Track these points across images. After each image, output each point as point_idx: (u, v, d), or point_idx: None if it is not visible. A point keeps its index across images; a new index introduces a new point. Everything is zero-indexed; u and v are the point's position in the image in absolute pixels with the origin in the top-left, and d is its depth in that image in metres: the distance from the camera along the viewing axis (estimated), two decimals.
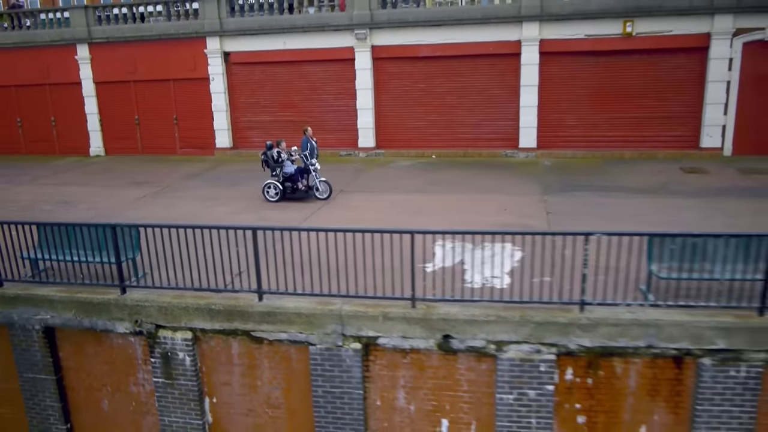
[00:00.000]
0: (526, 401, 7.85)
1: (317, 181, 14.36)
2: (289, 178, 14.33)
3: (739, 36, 16.83)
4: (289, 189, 14.34)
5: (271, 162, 14.40)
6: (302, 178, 14.39)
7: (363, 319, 8.02)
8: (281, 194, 14.31)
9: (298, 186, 14.33)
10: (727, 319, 7.42)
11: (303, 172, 14.43)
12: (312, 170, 14.33)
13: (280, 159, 14.29)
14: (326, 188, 14.41)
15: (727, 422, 7.62)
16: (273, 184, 14.36)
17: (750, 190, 14.12)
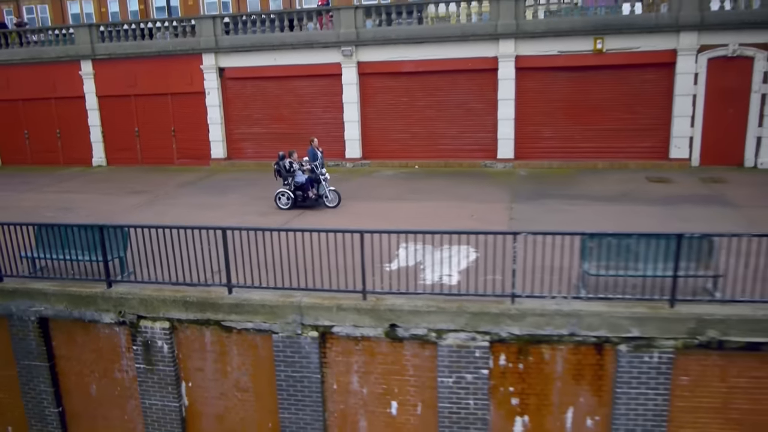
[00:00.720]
0: (464, 384, 8.79)
1: (327, 190, 15.18)
2: (300, 187, 15.09)
3: (703, 52, 17.78)
4: (300, 197, 15.11)
5: (283, 171, 15.26)
6: (312, 187, 15.16)
7: (319, 310, 9.02)
8: (293, 202, 15.11)
9: (309, 194, 15.10)
10: (641, 309, 8.34)
11: (313, 181, 15.20)
12: (322, 179, 15.16)
13: (291, 169, 15.13)
14: (335, 197, 15.24)
15: (643, 404, 8.51)
16: (285, 192, 15.19)
17: (707, 197, 15.00)
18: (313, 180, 15.20)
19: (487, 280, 9.08)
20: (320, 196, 15.20)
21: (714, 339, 8.19)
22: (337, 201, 15.22)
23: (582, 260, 8.97)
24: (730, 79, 17.83)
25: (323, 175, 15.23)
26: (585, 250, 8.93)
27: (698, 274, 8.71)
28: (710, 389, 8.48)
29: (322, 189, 15.20)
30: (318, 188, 15.21)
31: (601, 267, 8.87)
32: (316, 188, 15.19)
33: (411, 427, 9.31)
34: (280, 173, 15.38)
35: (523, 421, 8.99)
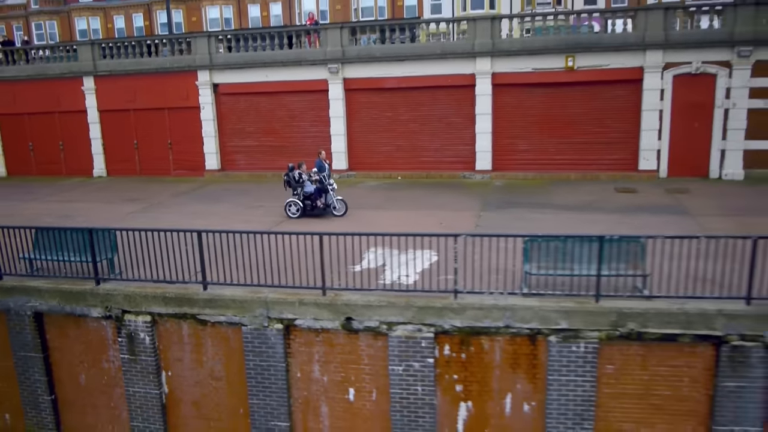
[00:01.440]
0: (413, 372, 9.79)
1: (334, 199, 16.05)
2: (308, 196, 15.88)
3: (668, 69, 18.84)
4: (309, 207, 15.89)
5: (292, 182, 16.10)
6: (320, 196, 15.98)
7: (284, 304, 10.08)
8: (302, 211, 15.93)
9: (317, 204, 15.91)
10: (569, 304, 9.34)
11: (321, 191, 16.01)
12: (329, 189, 16.08)
13: (300, 179, 15.98)
14: (342, 206, 16.05)
15: (573, 390, 9.48)
16: (294, 202, 15.97)
17: (666, 207, 15.96)
18: (321, 190, 15.96)
19: (440, 280, 10.11)
20: (328, 206, 15.95)
21: (634, 331, 9.17)
22: (344, 210, 15.99)
23: (524, 261, 9.99)
24: (694, 94, 18.85)
25: (331, 185, 16.03)
26: (526, 252, 9.96)
27: (627, 273, 9.70)
28: (633, 377, 9.43)
29: (329, 198, 15.96)
30: (326, 198, 15.98)
31: (540, 267, 9.88)
32: (323, 198, 15.96)
33: (367, 412, 10.30)
34: (290, 184, 16.13)
35: (466, 406, 9.97)
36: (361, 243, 10.68)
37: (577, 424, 9.60)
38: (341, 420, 10.45)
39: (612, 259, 9.71)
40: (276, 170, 22.53)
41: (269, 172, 22.68)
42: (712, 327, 8.99)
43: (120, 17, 51.27)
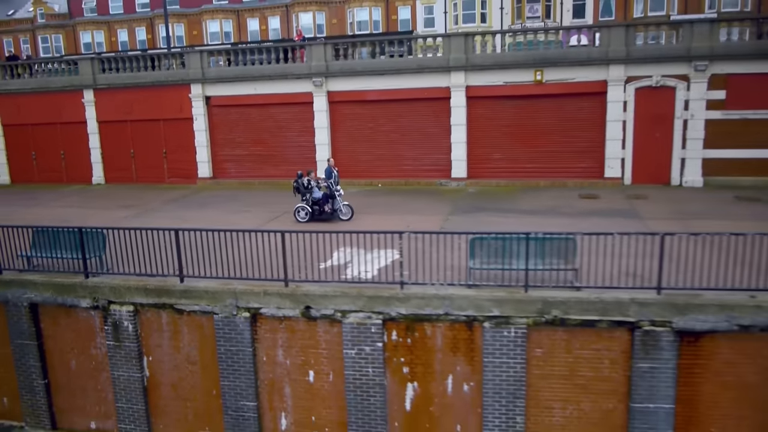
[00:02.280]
0: (364, 355, 11.02)
1: (341, 204, 17.00)
2: (317, 202, 16.78)
3: (630, 82, 20.11)
4: (317, 211, 16.77)
5: (301, 188, 17.07)
6: (327, 202, 16.86)
7: (250, 294, 11.35)
8: (310, 216, 16.79)
9: (325, 209, 16.81)
10: (501, 294, 10.56)
11: (328, 197, 16.91)
12: (337, 195, 16.95)
13: (309, 186, 17.00)
14: (349, 210, 16.96)
15: (506, 371, 10.67)
16: (303, 207, 16.85)
17: (620, 211, 17.13)
18: (328, 196, 16.90)
19: (397, 275, 11.32)
20: (335, 210, 16.87)
21: (557, 317, 10.37)
22: (350, 214, 16.90)
23: (469, 258, 11.23)
24: (655, 106, 20.10)
25: (338, 191, 16.98)
26: (471, 249, 11.20)
27: (556, 267, 10.92)
28: (559, 359, 10.62)
29: (336, 204, 16.89)
30: (333, 203, 16.90)
31: (483, 263, 11.11)
32: (331, 203, 16.87)
33: (325, 392, 11.53)
34: (299, 190, 17.02)
35: (413, 386, 11.18)
36: (331, 243, 12.00)
37: (510, 402, 10.78)
38: (303, 400, 11.67)
39: (546, 255, 10.97)
40: (264, 178, 24.06)
41: (257, 180, 24.11)
42: (626, 314, 10.18)
43: (123, 31, 53.12)
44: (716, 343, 10.14)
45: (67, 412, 13.20)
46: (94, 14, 53.46)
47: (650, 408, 10.39)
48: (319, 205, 16.87)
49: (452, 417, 11.18)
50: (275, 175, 23.96)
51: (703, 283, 10.22)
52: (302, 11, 48.01)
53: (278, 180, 23.75)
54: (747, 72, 19.25)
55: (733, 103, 19.48)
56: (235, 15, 49.98)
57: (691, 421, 10.48)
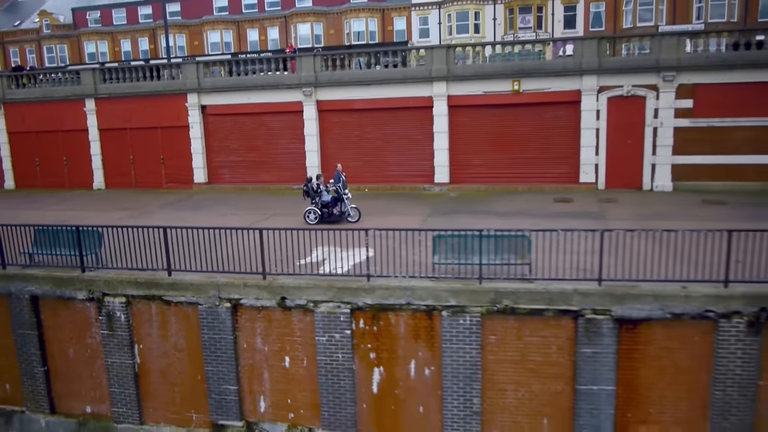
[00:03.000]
0: (334, 342, 12.12)
1: (349, 207, 17.95)
2: (326, 205, 17.69)
3: (603, 92, 21.25)
4: (326, 214, 17.64)
5: (311, 192, 17.94)
6: (336, 205, 17.79)
7: (231, 286, 12.48)
8: (319, 218, 17.65)
9: (333, 211, 17.69)
10: (457, 285, 11.65)
11: (337, 200, 17.83)
12: (345, 199, 17.88)
13: (318, 189, 17.99)
14: (356, 213, 17.89)
15: (463, 356, 11.74)
16: (313, 210, 17.74)
17: (589, 213, 18.21)
18: (337, 199, 17.85)
19: (369, 270, 12.43)
20: (343, 213, 17.78)
21: (508, 306, 11.45)
22: (357, 217, 17.81)
23: (433, 253, 12.33)
24: (627, 114, 21.22)
25: (346, 195, 17.88)
26: (435, 245, 12.31)
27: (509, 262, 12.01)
28: (511, 345, 11.69)
29: (344, 207, 17.82)
30: (341, 206, 17.83)
31: (445, 258, 12.21)
32: (339, 206, 17.80)
33: (300, 376, 12.62)
34: (308, 194, 17.96)
35: (379, 370, 12.26)
36: (311, 241, 13.13)
37: (467, 385, 11.85)
38: (279, 383, 12.77)
39: (503, 251, 12.08)
40: (257, 184, 25.28)
41: (251, 185, 25.32)
42: (570, 303, 11.25)
43: (126, 41, 54.69)
44: (652, 330, 11.20)
45: (64, 397, 14.32)
46: (98, 25, 55.05)
47: (594, 390, 11.44)
48: (328, 207, 17.75)
49: (415, 399, 12.25)
50: (268, 180, 25.20)
51: (640, 275, 11.32)
52: (300, 22, 49.41)
53: (270, 185, 25.05)
54: (713, 82, 20.36)
55: (700, 111, 20.58)
56: (235, 26, 51.42)
57: (631, 403, 11.52)
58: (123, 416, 13.76)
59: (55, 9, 58.48)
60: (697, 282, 11.06)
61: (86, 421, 14.16)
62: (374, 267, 12.27)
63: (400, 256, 12.35)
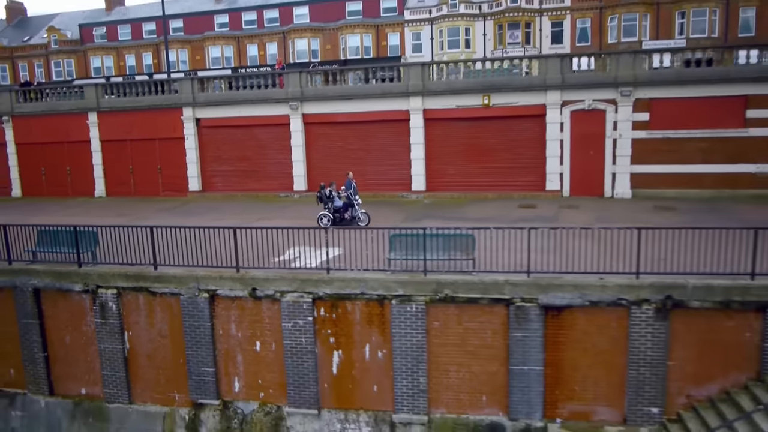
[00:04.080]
0: (299, 327, 13.83)
1: (359, 212, 19.52)
2: (338, 210, 19.26)
3: (566, 106, 23.01)
4: (338, 218, 19.13)
5: (324, 198, 19.47)
6: (347, 210, 19.30)
7: (209, 279, 14.25)
8: (332, 222, 19.10)
9: (345, 216, 19.18)
10: (405, 277, 13.36)
11: (348, 205, 19.36)
12: (356, 204, 19.44)
13: (331, 195, 19.68)
14: (366, 217, 19.29)
15: (410, 340, 13.41)
16: (325, 214, 19.27)
17: (546, 218, 19.87)
18: (348, 204, 19.41)
19: (336, 265, 14.14)
20: (353, 217, 19.24)
21: (449, 295, 13.14)
22: (367, 221, 19.17)
23: (389, 250, 14.06)
24: (588, 126, 22.95)
25: (356, 200, 19.45)
26: (391, 243, 14.04)
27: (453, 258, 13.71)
28: (452, 330, 13.35)
29: (355, 212, 19.33)
30: (352, 211, 19.34)
31: (399, 254, 13.93)
32: (350, 211, 19.32)
33: (269, 359, 14.33)
34: (322, 199, 19.52)
35: (338, 353, 13.96)
36: (287, 240, 14.85)
37: (415, 366, 13.50)
38: (251, 365, 14.48)
39: (451, 248, 13.79)
40: (247, 191, 27.17)
41: (241, 193, 27.22)
42: (502, 292, 12.92)
43: (131, 56, 57.08)
44: (574, 316, 12.85)
45: (62, 380, 16.09)
46: (104, 40, 57.50)
47: (525, 370, 13.08)
48: (340, 212, 19.29)
49: (370, 379, 13.91)
50: (257, 188, 27.08)
51: (563, 268, 12.99)
52: (298, 38, 51.60)
53: (259, 193, 26.93)
54: (667, 96, 22.08)
55: (656, 124, 22.29)
56: (235, 41, 53.69)
57: (558, 381, 13.13)
58: (114, 397, 15.50)
59: (63, 25, 61.04)
60: (612, 274, 12.72)
61: (81, 401, 15.91)
62: (340, 263, 13.99)
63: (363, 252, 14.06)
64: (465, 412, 13.59)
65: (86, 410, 15.87)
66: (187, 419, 15.03)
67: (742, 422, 11.40)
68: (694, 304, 12.30)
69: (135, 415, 15.42)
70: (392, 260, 13.89)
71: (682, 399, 12.72)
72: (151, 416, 15.33)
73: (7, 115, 29.79)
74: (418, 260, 13.63)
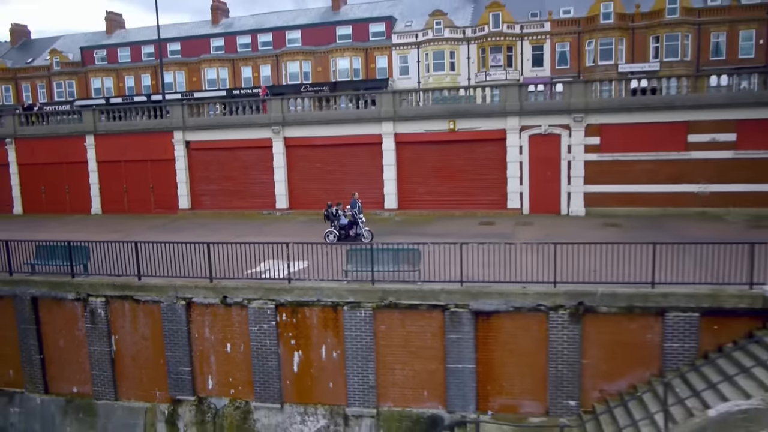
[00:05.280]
0: (263, 330, 15.87)
1: (363, 230, 21.33)
2: (343, 227, 21.08)
3: (525, 130, 25.17)
4: (343, 235, 20.88)
5: (330, 216, 21.41)
6: (352, 228, 21.09)
7: (186, 288, 16.33)
8: (338, 238, 20.80)
9: (350, 233, 20.95)
10: (355, 286, 15.42)
11: (353, 223, 21.13)
12: (360, 222, 21.30)
13: (337, 214, 21.50)
14: (369, 234, 20.91)
15: (360, 341, 15.42)
16: (332, 231, 21.09)
17: (500, 234, 21.77)
18: (352, 222, 21.21)
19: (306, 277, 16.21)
20: (358, 235, 20.89)
21: (392, 302, 15.17)
22: (370, 237, 20.73)
23: (346, 263, 16.12)
24: (545, 150, 25.08)
25: (361, 219, 21.28)
26: (348, 257, 16.11)
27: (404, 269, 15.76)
28: (397, 333, 15.37)
29: (359, 229, 21.06)
30: (356, 229, 21.10)
31: (354, 267, 15.99)
32: (355, 229, 21.12)
33: (238, 359, 16.35)
34: (329, 217, 21.48)
35: (298, 354, 15.98)
36: (261, 254, 16.88)
37: (365, 365, 15.50)
38: (223, 365, 16.50)
39: (400, 261, 15.84)
40: (233, 209, 29.31)
41: (228, 210, 29.37)
42: (439, 299, 14.96)
43: (130, 77, 59.70)
44: (501, 320, 14.86)
45: (56, 380, 18.11)
46: (104, 62, 60.16)
47: (459, 368, 15.06)
48: (345, 230, 21.09)
49: (326, 376, 15.91)
50: (242, 206, 29.24)
51: (492, 278, 15.02)
52: (290, 60, 54.15)
53: (245, 211, 29.08)
54: (615, 122, 24.23)
55: (606, 147, 24.42)
56: (230, 63, 56.25)
57: (489, 378, 15.11)
58: (102, 394, 17.51)
59: (65, 47, 63.87)
60: (533, 283, 14.75)
61: (73, 399, 17.92)
62: (306, 274, 16.05)
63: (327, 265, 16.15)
64: (409, 406, 15.55)
65: (77, 406, 17.86)
66: (167, 414, 17.03)
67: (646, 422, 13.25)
68: (602, 309, 14.31)
69: (120, 411, 17.42)
70: (348, 272, 15.95)
71: (596, 393, 14.66)
72: (134, 411, 17.33)
73: (11, 138, 32.12)
74: (368, 272, 15.67)
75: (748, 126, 23.09)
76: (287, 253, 15.91)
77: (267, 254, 16.76)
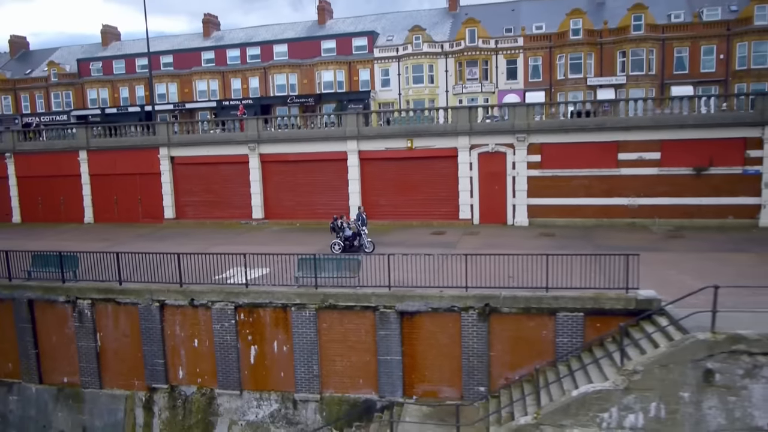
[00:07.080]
0: (225, 327, 18.90)
1: (365, 241, 23.96)
2: (347, 238, 23.52)
3: (474, 149, 28.19)
4: (347, 246, 23.31)
5: (336, 228, 24.14)
6: (356, 239, 23.58)
7: (160, 292, 19.36)
8: (342, 249, 23.52)
9: (354, 244, 23.50)
10: (301, 290, 18.44)
11: (356, 235, 23.68)
12: (363, 234, 23.85)
13: (342, 226, 24.28)
14: (371, 245, 23.33)
15: (306, 338, 18.42)
16: (337, 242, 23.58)
17: (446, 243, 24.85)
18: (356, 234, 23.73)
19: (263, 281, 19.23)
20: (361, 245, 23.32)
21: (332, 303, 18.17)
22: (372, 248, 23.15)
23: (296, 270, 19.14)
24: (493, 166, 28.09)
25: (364, 231, 23.76)
26: (298, 265, 19.13)
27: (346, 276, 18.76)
28: (337, 330, 18.36)
29: (362, 240, 23.53)
30: (360, 240, 23.58)
31: (303, 273, 19.01)
32: (358, 240, 23.60)
33: (204, 353, 19.37)
34: (334, 229, 24.11)
35: (254, 348, 19.00)
36: (228, 262, 19.89)
37: (310, 357, 18.50)
38: (191, 358, 19.53)
39: (343, 269, 18.86)
40: (214, 219, 32.35)
41: (209, 220, 32.43)
42: (370, 301, 17.95)
43: (125, 88, 62.84)
44: (423, 319, 17.82)
45: (49, 372, 21.16)
46: (99, 74, 63.33)
47: (388, 359, 18.03)
48: (349, 240, 23.63)
49: (278, 367, 18.92)
50: (222, 216, 32.31)
51: (415, 283, 18.02)
52: (277, 73, 57.21)
53: (224, 220, 32.14)
54: (555, 141, 27.23)
55: (546, 164, 27.42)
56: (220, 75, 59.34)
57: (414, 368, 18.07)
58: (88, 383, 20.55)
59: (63, 59, 67.12)
60: (449, 288, 17.73)
61: (63, 388, 20.98)
62: (265, 280, 19.04)
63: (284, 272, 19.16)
64: (347, 392, 18.54)
65: (67, 395, 20.91)
66: (144, 400, 20.06)
67: (531, 397, 16.23)
68: (504, 310, 17.29)
69: (104, 398, 20.47)
70: (299, 278, 18.97)
71: (501, 380, 17.62)
72: (116, 398, 20.38)
73: (10, 152, 35.28)
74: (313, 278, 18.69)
75: (670, 146, 26.06)
76: (245, 261, 18.96)
77: (233, 262, 19.78)
